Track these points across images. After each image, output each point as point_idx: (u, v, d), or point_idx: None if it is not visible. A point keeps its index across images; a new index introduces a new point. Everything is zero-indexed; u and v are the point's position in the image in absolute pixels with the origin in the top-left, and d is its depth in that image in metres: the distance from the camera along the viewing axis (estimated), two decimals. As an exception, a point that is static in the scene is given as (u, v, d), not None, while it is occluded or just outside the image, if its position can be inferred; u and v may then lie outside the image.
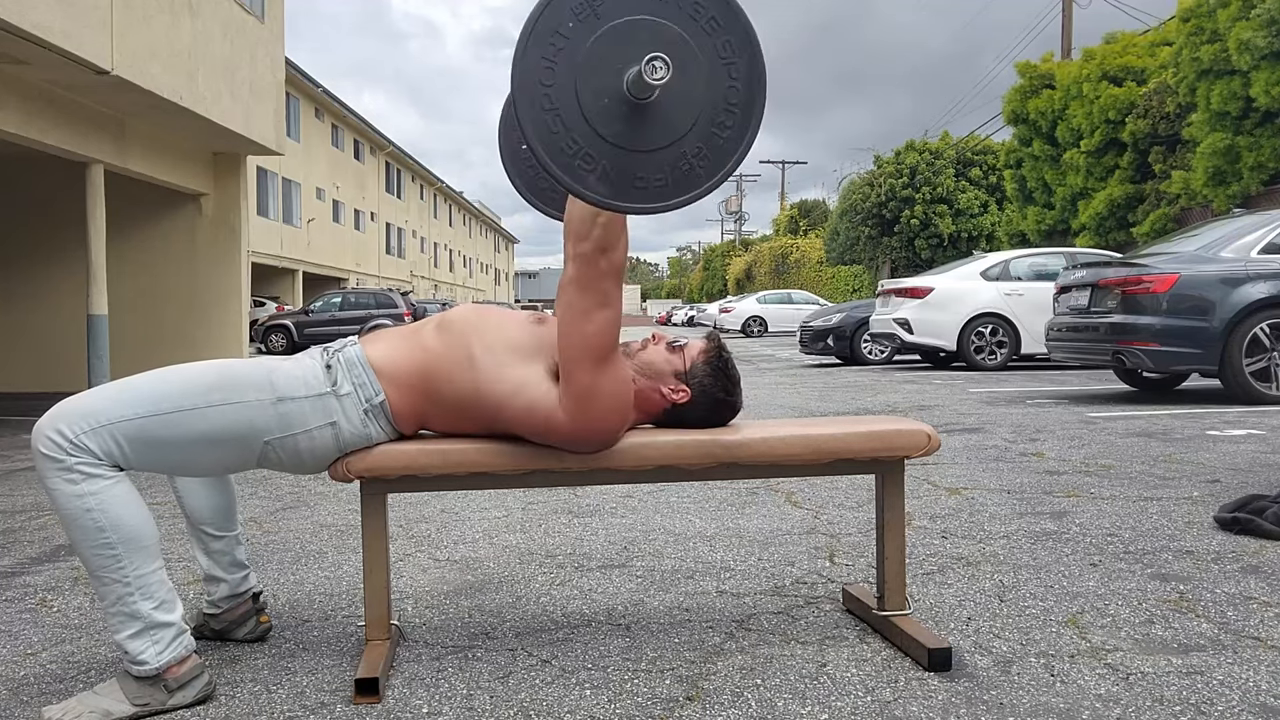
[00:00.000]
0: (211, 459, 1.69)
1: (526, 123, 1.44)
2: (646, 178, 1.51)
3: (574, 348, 1.67)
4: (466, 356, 1.76)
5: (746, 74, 1.53)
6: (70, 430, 1.57)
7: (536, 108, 1.44)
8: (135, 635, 1.61)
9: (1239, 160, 13.57)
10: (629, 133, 1.49)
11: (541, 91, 1.44)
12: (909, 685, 1.68)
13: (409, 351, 1.79)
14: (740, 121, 1.54)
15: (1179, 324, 6.00)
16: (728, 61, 1.52)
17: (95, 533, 1.58)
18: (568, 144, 1.46)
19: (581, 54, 1.45)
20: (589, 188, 1.48)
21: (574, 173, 1.47)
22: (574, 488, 3.63)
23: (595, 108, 1.46)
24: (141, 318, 9.87)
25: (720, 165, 1.54)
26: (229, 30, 8.62)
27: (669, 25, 1.48)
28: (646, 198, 1.51)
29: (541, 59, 1.43)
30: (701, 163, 1.53)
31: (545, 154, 1.45)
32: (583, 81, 1.45)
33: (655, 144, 1.50)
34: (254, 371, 1.71)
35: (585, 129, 1.47)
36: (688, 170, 1.53)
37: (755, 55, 1.53)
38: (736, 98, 1.53)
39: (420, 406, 1.78)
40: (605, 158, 1.48)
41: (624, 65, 1.46)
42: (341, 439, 1.74)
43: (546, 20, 1.44)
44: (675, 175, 1.52)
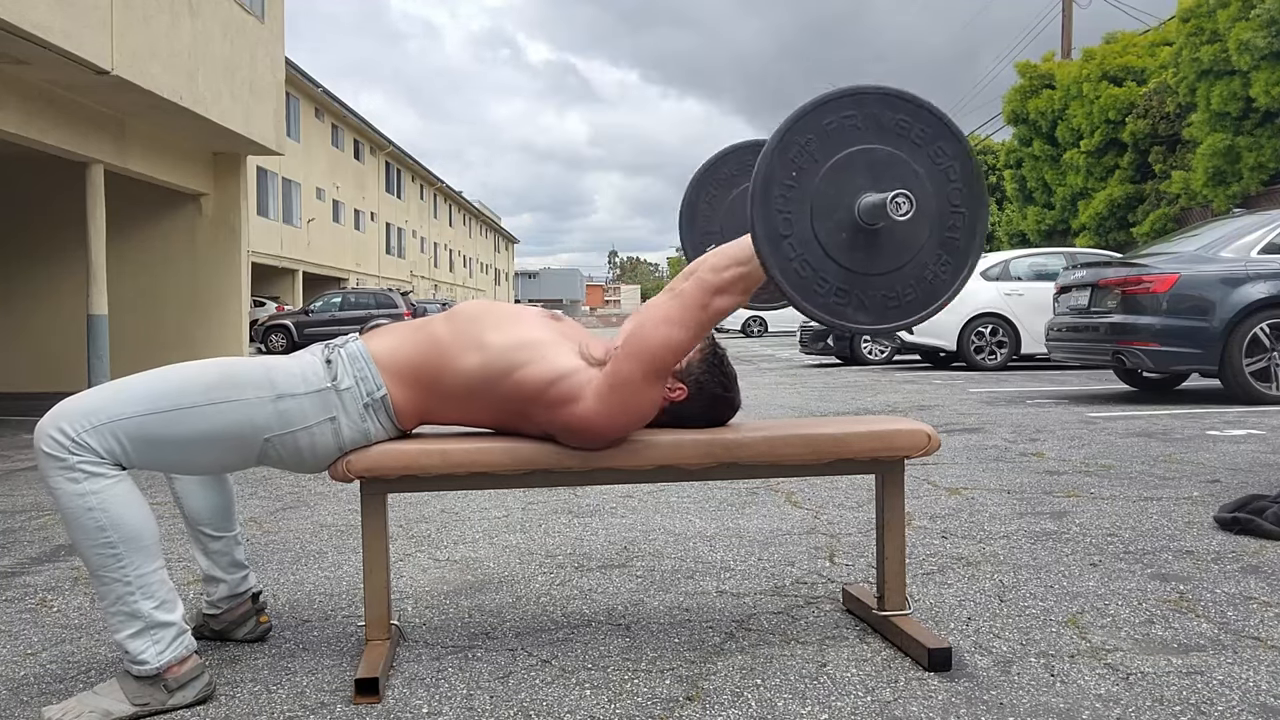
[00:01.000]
0: (212, 457, 1.70)
1: (776, 273, 1.53)
2: (898, 295, 1.59)
3: (641, 345, 1.69)
4: (477, 342, 1.76)
5: (963, 174, 1.61)
6: (72, 429, 1.58)
7: (782, 258, 1.53)
8: (136, 635, 1.61)
9: (1239, 160, 13.58)
10: (872, 258, 1.57)
11: (785, 243, 1.53)
12: (909, 685, 1.68)
13: (414, 344, 1.79)
14: (969, 220, 1.62)
15: (1179, 324, 6.00)
16: (944, 167, 1.59)
17: (96, 532, 1.58)
18: (819, 285, 1.55)
19: (811, 198, 1.54)
20: (851, 320, 1.57)
21: (832, 310, 1.56)
22: (574, 488, 3.64)
23: (835, 243, 1.55)
24: (141, 318, 9.87)
25: (961, 265, 1.63)
26: (229, 30, 8.62)
27: (880, 149, 1.56)
28: (903, 313, 1.60)
29: (777, 213, 1.52)
30: (943, 268, 1.62)
31: (801, 298, 1.55)
32: (818, 223, 1.54)
33: (899, 262, 1.59)
34: (254, 369, 1.71)
35: (833, 266, 1.55)
36: (933, 278, 1.61)
37: (967, 155, 1.61)
38: (960, 198, 1.61)
39: (423, 400, 1.78)
40: (856, 287, 1.57)
41: (852, 197, 1.55)
42: (341, 435, 1.73)
43: (770, 176, 1.52)
44: (922, 286, 1.61)
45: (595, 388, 1.70)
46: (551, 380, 1.72)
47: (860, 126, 1.55)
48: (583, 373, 1.73)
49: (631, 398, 1.70)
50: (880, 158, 1.56)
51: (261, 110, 9.38)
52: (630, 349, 1.69)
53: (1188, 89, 14.31)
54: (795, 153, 1.53)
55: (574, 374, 1.72)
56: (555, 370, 1.72)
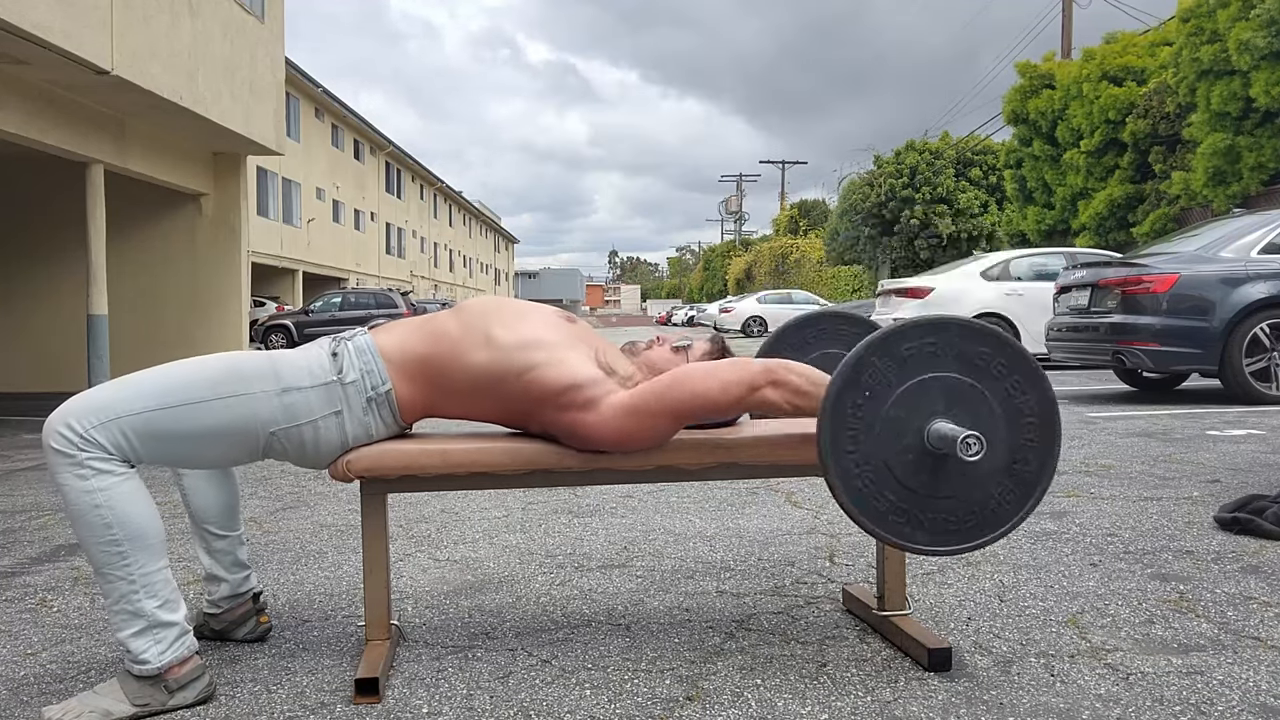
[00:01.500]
0: (219, 451, 1.70)
1: (838, 482, 1.54)
2: (958, 520, 1.59)
3: (685, 388, 1.69)
4: (485, 338, 1.75)
5: (1040, 409, 1.60)
6: (80, 425, 1.58)
7: (844, 470, 1.54)
8: (138, 634, 1.61)
9: (1239, 160, 13.57)
10: (935, 482, 1.57)
11: (847, 456, 1.54)
12: (909, 685, 1.68)
13: (421, 338, 1.79)
14: (1039, 455, 1.61)
15: (1179, 324, 6.00)
16: (1019, 402, 1.59)
17: (103, 529, 1.58)
18: (878, 500, 1.56)
19: (880, 419, 1.55)
20: (908, 538, 1.58)
21: (889, 526, 1.57)
22: (574, 488, 3.64)
23: (901, 464, 1.56)
24: (141, 318, 9.87)
25: (1026, 499, 1.62)
26: (229, 30, 8.62)
27: (957, 378, 1.57)
28: (961, 539, 1.60)
29: (845, 430, 1.54)
30: (1008, 498, 1.61)
31: (860, 512, 1.55)
32: (886, 443, 1.55)
33: (962, 489, 1.59)
34: (259, 363, 1.71)
35: (894, 484, 1.56)
36: (995, 508, 1.61)
37: (1045, 389, 1.61)
38: (1033, 432, 1.60)
39: (428, 394, 1.78)
40: (915, 508, 1.57)
41: (923, 420, 1.55)
42: (345, 429, 1.73)
43: (842, 393, 1.54)
44: (984, 514, 1.60)
45: (615, 405, 1.70)
46: (568, 386, 1.71)
47: (938, 354, 1.56)
48: (602, 384, 1.72)
49: (650, 428, 1.72)
50: (956, 385, 1.56)
51: (261, 110, 9.38)
52: (670, 385, 1.69)
53: (1188, 89, 14.31)
54: (868, 375, 1.54)
55: (593, 384, 1.72)
56: (573, 376, 1.72)
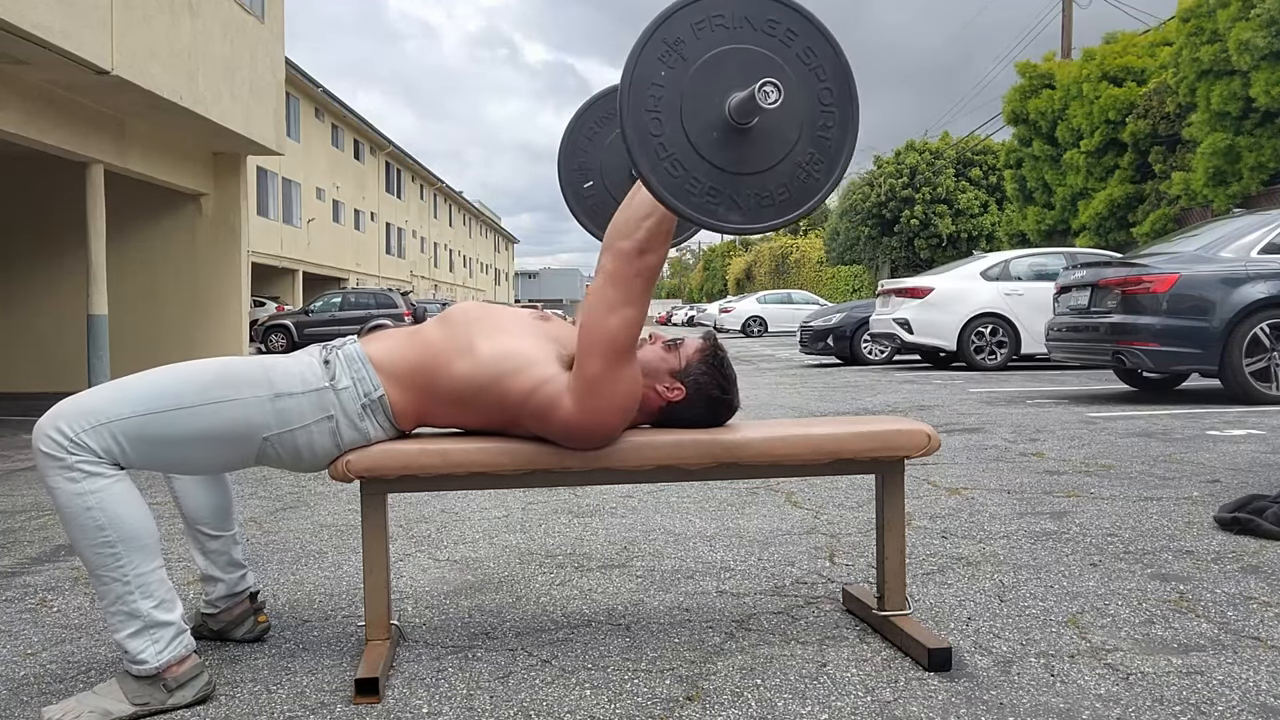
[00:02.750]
0: (211, 456, 1.70)
1: (648, 174, 1.51)
2: (771, 194, 1.58)
3: (594, 337, 1.69)
4: (467, 346, 1.76)
5: (833, 73, 1.60)
6: (70, 429, 1.58)
7: (653, 158, 1.51)
8: (135, 634, 1.61)
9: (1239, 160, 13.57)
10: (743, 157, 1.56)
11: (655, 143, 1.51)
12: (909, 685, 1.68)
13: (409, 347, 1.79)
14: (840, 118, 1.61)
15: (1179, 324, 5.99)
16: (813, 66, 1.58)
17: (95, 531, 1.58)
18: (691, 184, 1.53)
19: (680, 97, 1.52)
20: (723, 219, 1.55)
21: (705, 209, 1.54)
22: (574, 488, 3.63)
23: (706, 142, 1.53)
24: (141, 318, 9.87)
25: (834, 164, 1.61)
26: (229, 30, 8.62)
27: (750, 49, 1.54)
28: (777, 212, 1.59)
29: (646, 113, 1.50)
30: (816, 167, 1.60)
31: (674, 198, 1.52)
32: (688, 122, 1.52)
33: (771, 161, 1.57)
34: (252, 368, 1.71)
35: (704, 165, 1.53)
36: (805, 177, 1.60)
37: (837, 53, 1.59)
38: (830, 98, 1.60)
39: (420, 402, 1.79)
40: (728, 187, 1.55)
41: (721, 97, 1.53)
42: (339, 435, 1.73)
43: (640, 76, 1.50)
44: (795, 185, 1.59)
45: (574, 393, 1.71)
46: (531, 389, 1.73)
47: (729, 26, 1.53)
48: (557, 379, 1.73)
49: (608, 391, 1.71)
50: (751, 56, 1.54)
51: (261, 110, 9.38)
52: (586, 345, 1.70)
53: (1188, 89, 14.31)
54: (664, 52, 1.50)
55: (549, 381, 1.72)
56: (534, 379, 1.73)
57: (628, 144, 1.50)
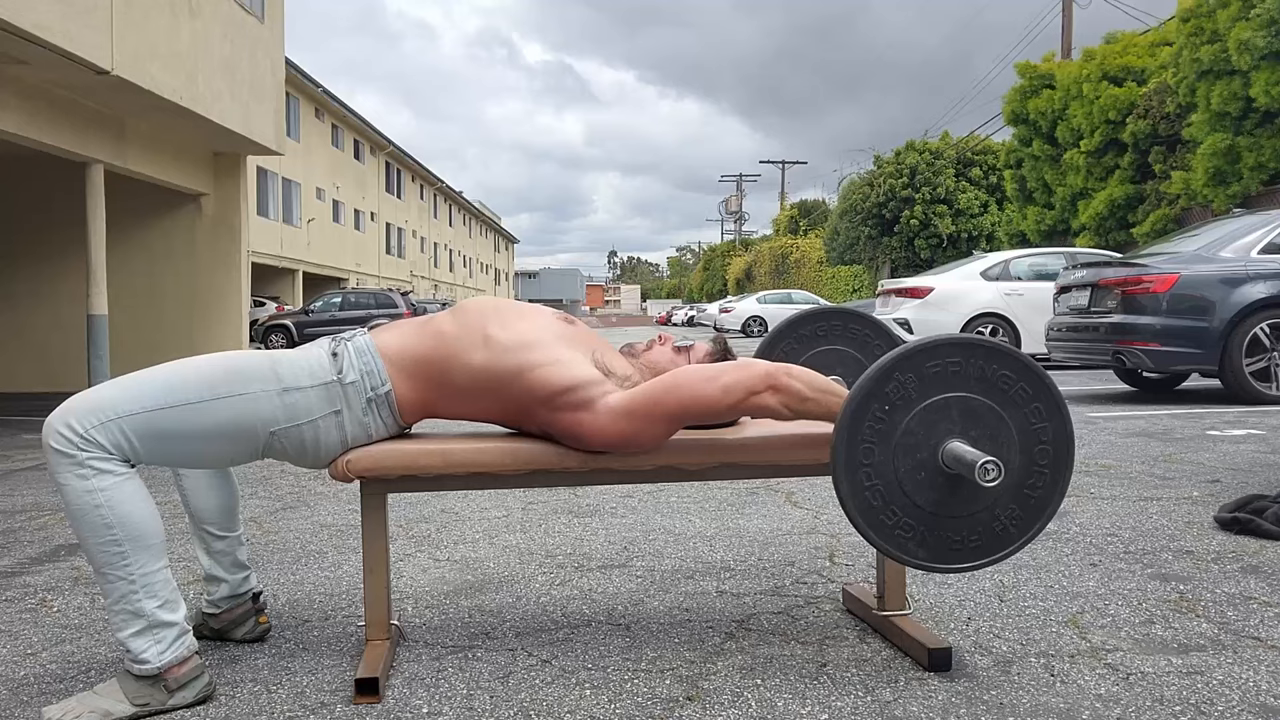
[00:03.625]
0: (219, 451, 1.70)
1: (848, 498, 1.56)
2: (963, 540, 1.60)
3: (679, 391, 1.68)
4: (482, 337, 1.76)
5: (1055, 437, 1.61)
6: (80, 425, 1.58)
7: (857, 484, 1.55)
8: (138, 634, 1.61)
9: (1239, 160, 13.57)
10: (945, 501, 1.58)
11: (861, 470, 1.55)
12: (909, 685, 1.68)
13: (420, 338, 1.79)
14: (1050, 480, 1.62)
15: (1179, 324, 5.99)
16: (1037, 427, 1.60)
17: (103, 529, 1.58)
18: (887, 516, 1.57)
19: (898, 434, 1.55)
20: (911, 554, 1.59)
21: (895, 542, 1.58)
22: (574, 488, 3.63)
23: (913, 481, 1.56)
24: (141, 318, 9.87)
25: (1032, 523, 1.63)
26: (229, 30, 8.62)
27: (978, 400, 1.57)
28: (964, 558, 1.61)
29: (861, 441, 1.54)
30: (1014, 522, 1.61)
31: (867, 526, 1.57)
32: (900, 459, 1.55)
33: (971, 509, 1.59)
34: (259, 363, 1.72)
35: (906, 502, 1.57)
36: (1000, 530, 1.61)
37: (1064, 419, 1.61)
38: (1046, 459, 1.61)
39: (428, 395, 1.78)
40: (923, 525, 1.58)
41: (939, 439, 1.56)
42: (344, 429, 1.74)
43: (862, 406, 1.54)
44: (988, 534, 1.61)
45: (613, 405, 1.70)
46: (566, 386, 1.71)
47: (962, 374, 1.56)
48: (600, 385, 1.72)
49: (647, 430, 1.71)
50: (976, 406, 1.57)
51: (261, 110, 9.38)
52: (669, 388, 1.69)
53: (1188, 89, 14.30)
54: (892, 387, 1.54)
55: (591, 385, 1.72)
56: (571, 377, 1.72)
57: (834, 466, 1.55)
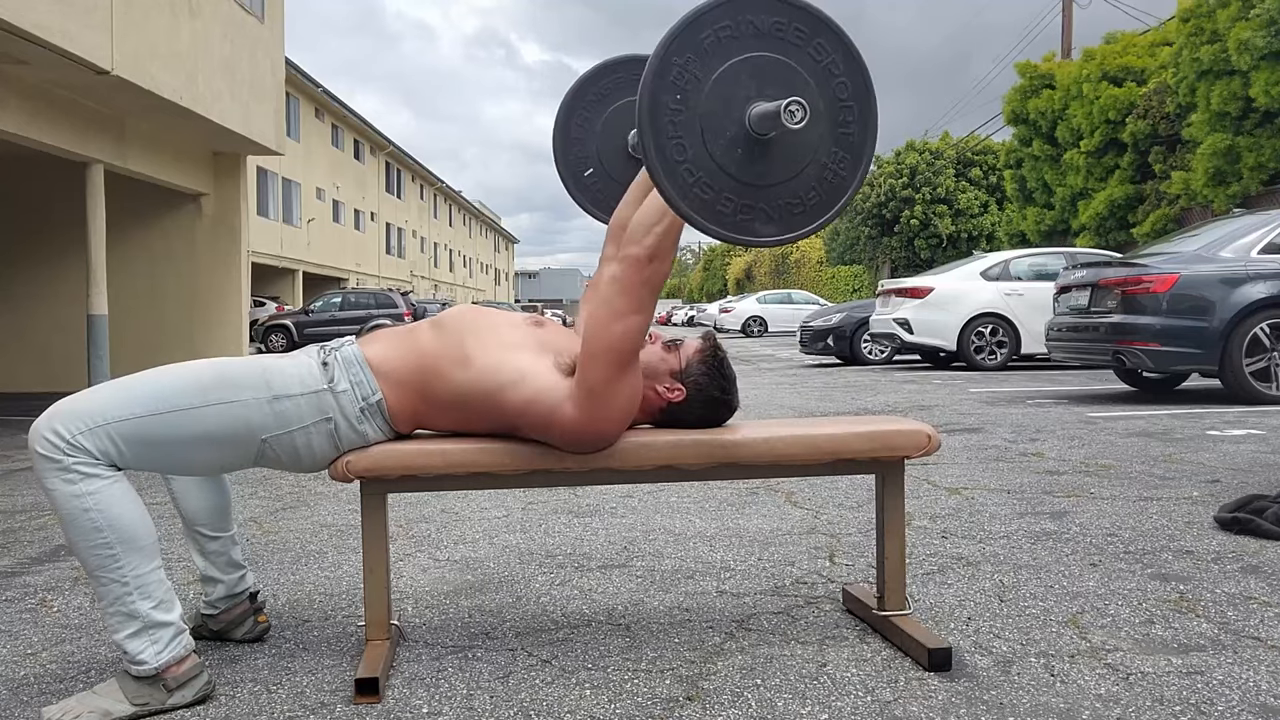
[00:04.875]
0: (209, 458, 1.69)
1: (679, 201, 1.49)
2: (802, 200, 1.56)
3: (599, 344, 1.67)
4: (461, 354, 1.76)
5: (847, 67, 1.57)
6: (67, 430, 1.57)
7: (682, 184, 1.49)
8: (134, 635, 1.61)
9: (1239, 160, 13.57)
10: (769, 168, 1.54)
11: (681, 168, 1.49)
12: (909, 685, 1.68)
13: (405, 351, 1.79)
14: (859, 112, 1.58)
15: (1179, 324, 5.99)
16: (826, 63, 1.55)
17: (93, 532, 1.58)
18: (723, 204, 1.52)
19: (698, 117, 1.49)
20: (759, 233, 1.55)
21: (740, 227, 1.53)
22: (574, 488, 3.63)
23: (731, 160, 1.51)
24: (141, 318, 9.87)
25: (859, 159, 1.59)
26: (229, 30, 8.62)
27: (761, 55, 1.52)
28: (809, 217, 1.57)
29: (668, 139, 1.48)
30: (841, 165, 1.58)
31: (707, 221, 1.51)
32: (711, 142, 1.50)
33: (797, 168, 1.56)
34: (250, 370, 1.71)
35: (732, 183, 1.52)
36: (832, 177, 1.58)
37: (849, 48, 1.56)
38: (847, 93, 1.57)
39: (417, 406, 1.79)
40: (759, 200, 1.54)
41: (740, 110, 1.51)
42: (338, 436, 1.73)
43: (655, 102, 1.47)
44: (823, 186, 1.58)
45: (576, 400, 1.70)
46: (528, 401, 1.72)
47: (737, 35, 1.50)
48: (557, 388, 1.72)
49: (610, 397, 1.70)
50: (762, 64, 1.51)
51: (261, 110, 9.38)
52: (590, 352, 1.69)
53: (1188, 89, 14.31)
54: (675, 74, 1.47)
55: (549, 390, 1.72)
56: (532, 390, 1.72)
57: (652, 172, 1.48)
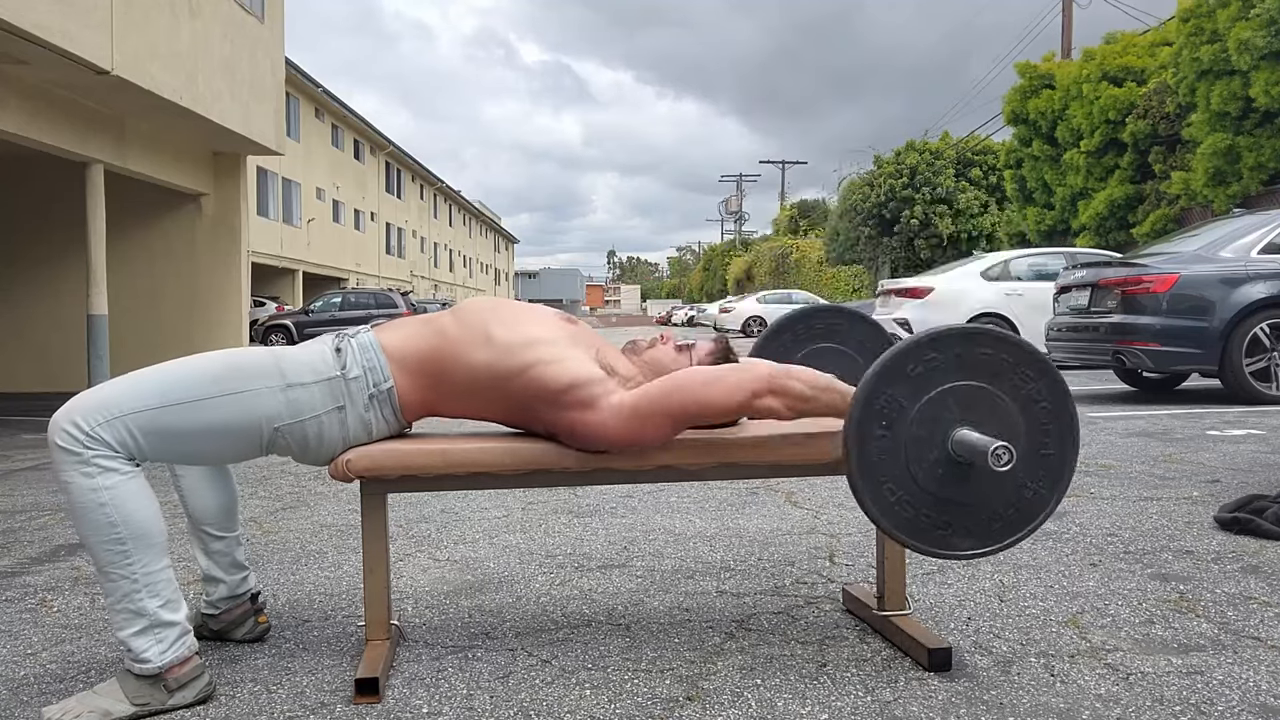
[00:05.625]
0: (223, 447, 1.70)
1: (880, 518, 1.57)
2: (1000, 515, 1.62)
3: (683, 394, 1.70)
4: (485, 337, 1.76)
5: (1050, 391, 1.63)
6: (86, 423, 1.58)
7: (884, 502, 1.57)
8: (140, 633, 1.61)
9: (1239, 160, 13.57)
10: (968, 488, 1.60)
11: (883, 487, 1.57)
12: (909, 685, 1.68)
13: (423, 337, 1.79)
14: (1058, 433, 1.64)
15: (1179, 324, 5.99)
16: (1029, 390, 1.63)
17: (107, 528, 1.58)
18: (923, 520, 1.59)
19: (904, 442, 1.56)
20: (958, 548, 1.62)
21: (939, 542, 1.60)
22: (574, 488, 3.63)
23: (933, 479, 1.58)
24: (141, 318, 9.87)
25: (1058, 479, 1.65)
26: (229, 30, 8.62)
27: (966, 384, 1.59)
28: (1007, 531, 1.63)
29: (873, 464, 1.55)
30: (1040, 484, 1.64)
31: (908, 536, 1.59)
32: (914, 465, 1.57)
33: (998, 488, 1.61)
34: (263, 359, 1.72)
35: (932, 501, 1.59)
36: (1031, 495, 1.63)
37: (1053, 376, 1.64)
38: (1048, 416, 1.63)
39: (429, 394, 1.78)
40: (958, 517, 1.60)
41: (944, 433, 1.58)
42: (347, 425, 1.74)
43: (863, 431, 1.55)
44: (1021, 503, 1.63)
45: (617, 404, 1.70)
46: (569, 384, 1.72)
47: (944, 366, 1.58)
48: (603, 384, 1.72)
49: (651, 430, 1.72)
50: (967, 391, 1.59)
51: (261, 110, 9.38)
52: (673, 389, 1.70)
53: (1188, 89, 14.30)
54: (883, 403, 1.55)
55: (594, 383, 1.72)
56: (574, 375, 1.72)
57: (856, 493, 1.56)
